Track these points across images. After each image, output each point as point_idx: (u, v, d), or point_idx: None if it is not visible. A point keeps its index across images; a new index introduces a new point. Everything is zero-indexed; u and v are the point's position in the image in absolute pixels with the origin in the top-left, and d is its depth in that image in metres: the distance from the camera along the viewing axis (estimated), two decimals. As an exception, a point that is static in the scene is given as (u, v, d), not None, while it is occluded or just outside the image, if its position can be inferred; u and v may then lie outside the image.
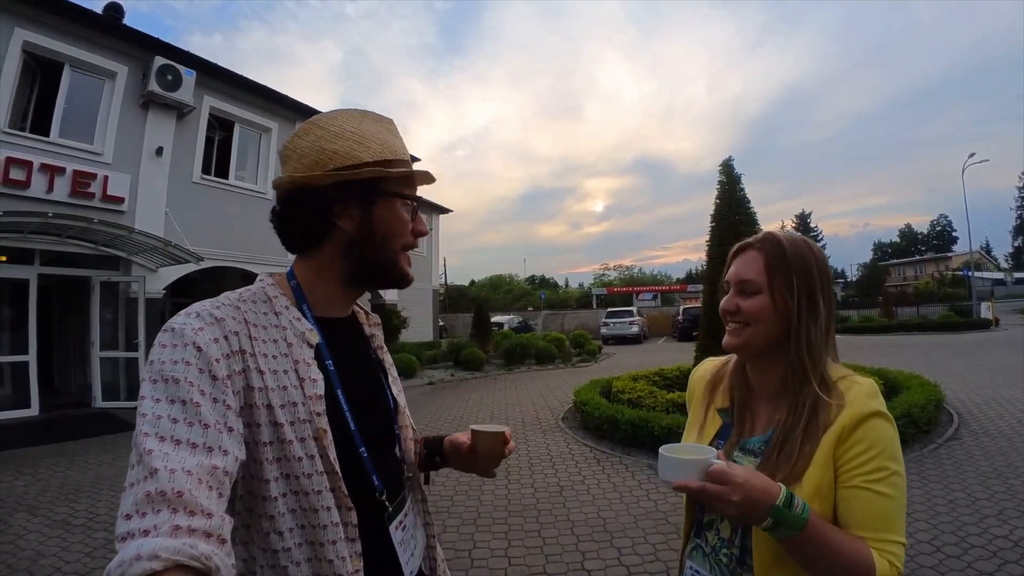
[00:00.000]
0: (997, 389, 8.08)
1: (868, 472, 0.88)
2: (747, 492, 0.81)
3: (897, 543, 0.86)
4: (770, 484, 0.84)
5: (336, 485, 0.81)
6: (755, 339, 1.00)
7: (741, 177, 7.47)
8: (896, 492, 0.88)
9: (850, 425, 0.90)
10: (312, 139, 0.89)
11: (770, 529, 0.84)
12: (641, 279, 58.26)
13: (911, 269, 65.85)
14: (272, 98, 12.54)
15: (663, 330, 30.54)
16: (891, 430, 0.91)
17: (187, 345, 0.72)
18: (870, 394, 0.93)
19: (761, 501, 0.82)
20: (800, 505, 0.83)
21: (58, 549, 3.66)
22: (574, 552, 3.49)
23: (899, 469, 0.89)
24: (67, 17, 8.90)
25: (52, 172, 8.60)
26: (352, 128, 0.90)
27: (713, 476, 0.83)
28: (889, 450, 0.89)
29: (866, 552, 0.85)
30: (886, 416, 0.91)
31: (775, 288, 0.99)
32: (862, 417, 0.90)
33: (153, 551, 0.51)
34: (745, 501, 0.81)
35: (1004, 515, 3.66)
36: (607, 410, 6.30)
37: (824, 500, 0.90)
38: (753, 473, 0.84)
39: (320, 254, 0.91)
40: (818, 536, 0.84)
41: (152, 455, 0.60)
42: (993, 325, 22.43)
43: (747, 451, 1.02)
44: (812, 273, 0.99)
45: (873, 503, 0.87)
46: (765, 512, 0.82)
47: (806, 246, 1.02)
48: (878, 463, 0.88)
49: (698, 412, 1.16)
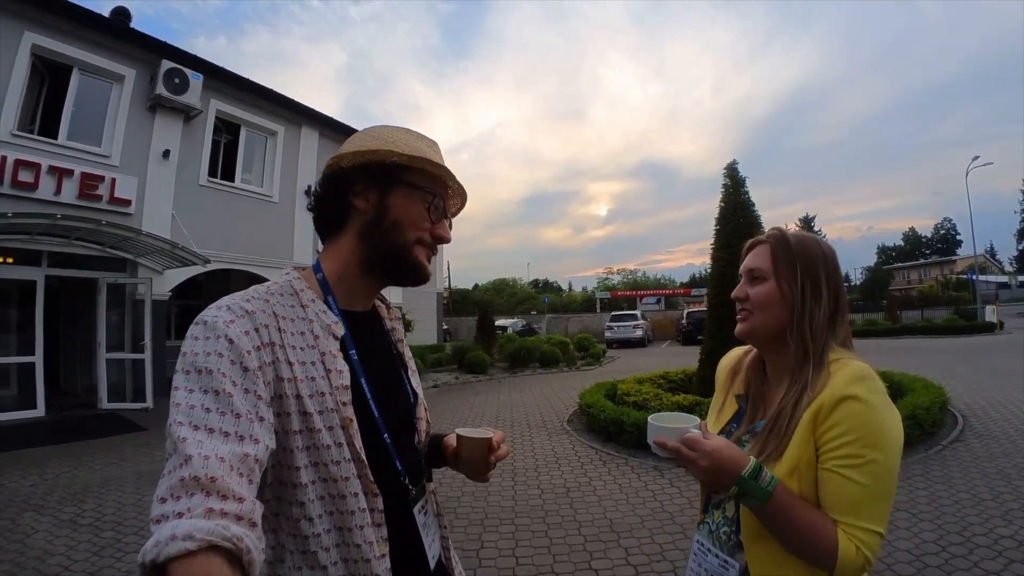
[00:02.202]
0: (1001, 392, 8.06)
1: (840, 457, 0.89)
2: (714, 460, 0.90)
3: (866, 530, 0.87)
4: (739, 456, 0.91)
5: (363, 472, 0.84)
6: (762, 325, 1.05)
7: (746, 180, 7.48)
8: (868, 480, 0.88)
9: (828, 406, 0.92)
10: (355, 142, 0.95)
11: (737, 498, 0.93)
12: (645, 283, 58.33)
13: (915, 272, 65.58)
14: (278, 101, 12.62)
15: (667, 334, 30.49)
16: (871, 415, 0.90)
17: (219, 337, 0.74)
18: (853, 377, 0.93)
19: (727, 470, 0.90)
20: (767, 479, 0.90)
21: (66, 548, 3.68)
22: (581, 552, 3.50)
23: (877, 457, 0.88)
24: (76, 21, 8.99)
25: (60, 174, 8.67)
26: (390, 136, 0.94)
27: (686, 442, 0.94)
28: (867, 437, 0.89)
29: (831, 532, 0.88)
30: (866, 401, 0.90)
31: (780, 275, 1.04)
32: (838, 399, 0.91)
33: (188, 532, 0.53)
34: (711, 468, 0.91)
35: (1009, 515, 3.66)
36: (613, 412, 6.29)
37: (802, 478, 0.92)
38: (726, 444, 0.93)
39: (341, 240, 0.95)
40: (783, 510, 0.89)
41: (186, 443, 0.62)
42: (997, 328, 22.39)
43: (754, 434, 1.05)
44: (816, 262, 1.03)
45: (843, 488, 0.89)
46: (731, 481, 0.90)
47: (812, 240, 1.07)
48: (851, 449, 0.88)
49: (719, 397, 1.23)
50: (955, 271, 52.82)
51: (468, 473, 1.06)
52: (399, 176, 0.92)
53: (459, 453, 1.04)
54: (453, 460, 1.08)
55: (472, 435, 1.02)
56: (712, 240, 7.54)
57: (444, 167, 0.95)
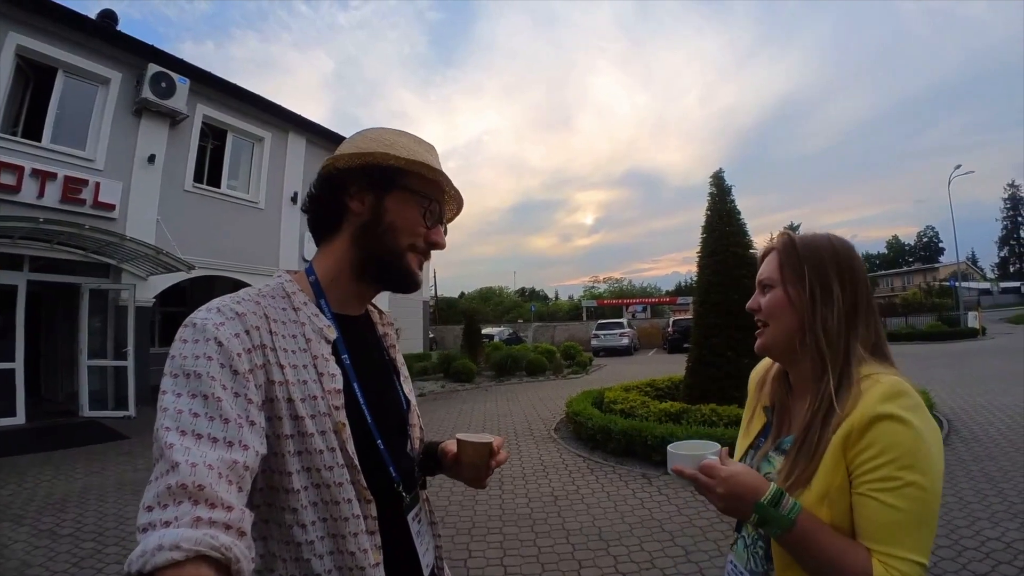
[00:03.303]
0: (985, 396, 8.19)
1: (876, 480, 0.83)
2: (730, 487, 0.87)
3: (906, 560, 0.80)
4: (758, 482, 0.87)
5: (356, 478, 0.82)
6: (776, 336, 1.02)
7: (732, 189, 7.54)
8: (908, 504, 0.81)
9: (859, 427, 0.85)
10: (352, 143, 0.95)
11: (758, 525, 0.88)
12: (631, 291, 58.45)
13: (899, 280, 66.46)
14: (266, 108, 12.54)
15: (653, 342, 30.54)
16: (907, 434, 0.83)
17: (208, 340, 0.72)
18: (887, 395, 0.86)
19: (745, 497, 0.86)
20: (789, 506, 0.85)
21: (45, 559, 3.60)
22: (570, 560, 3.48)
23: (918, 480, 0.81)
24: (61, 22, 8.89)
25: (43, 177, 8.54)
26: (388, 139, 0.94)
27: (703, 469, 0.90)
28: (904, 458, 0.82)
29: (864, 563, 0.81)
30: (902, 420, 0.83)
31: (787, 281, 1.00)
32: (871, 419, 0.84)
33: (175, 541, 0.51)
34: (728, 495, 0.87)
35: (996, 518, 3.71)
36: (600, 420, 6.29)
37: (833, 506, 0.86)
38: (744, 470, 0.89)
39: (335, 243, 0.94)
40: (808, 539, 0.84)
41: (173, 449, 0.61)
42: (980, 334, 22.70)
43: (781, 451, 1.01)
44: (824, 260, 0.98)
45: (878, 513, 0.82)
46: (749, 509, 0.86)
47: (821, 237, 1.02)
48: (887, 471, 0.82)
49: (748, 410, 1.19)
50: (938, 278, 53.55)
51: (468, 479, 1.05)
52: (396, 179, 0.91)
53: (460, 459, 1.03)
54: (452, 466, 1.07)
55: (473, 440, 1.01)
56: (698, 248, 7.57)
57: (441, 172, 0.94)
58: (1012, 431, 6.00)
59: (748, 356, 6.54)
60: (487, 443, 1.01)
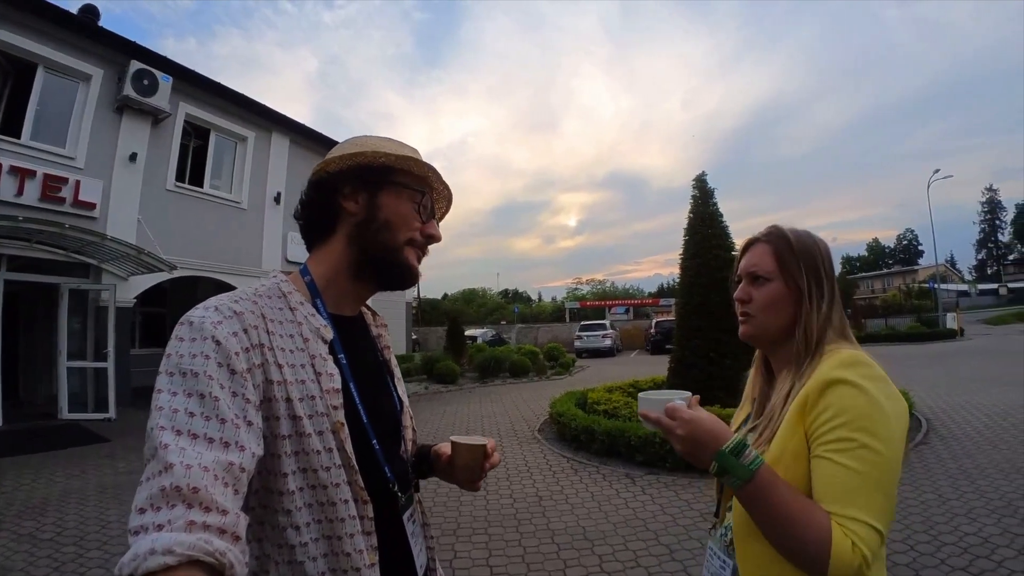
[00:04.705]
0: (963, 396, 8.36)
1: (830, 441, 0.84)
2: (691, 430, 0.87)
3: (862, 523, 0.79)
4: (721, 430, 0.87)
5: (353, 479, 0.82)
6: (769, 325, 1.05)
7: (714, 192, 7.63)
8: (863, 467, 0.81)
9: (815, 391, 0.88)
10: (340, 149, 0.96)
11: (718, 475, 0.88)
12: (613, 293, 58.71)
13: (879, 282, 67.53)
14: (249, 107, 12.43)
15: (636, 343, 30.70)
16: (862, 399, 0.85)
17: (206, 339, 0.71)
18: (843, 362, 0.90)
19: (706, 442, 0.86)
20: (751, 457, 0.84)
21: (25, 564, 3.54)
22: (555, 560, 3.50)
23: (871, 443, 0.82)
24: (42, 17, 8.74)
25: (22, 175, 8.41)
26: (375, 142, 0.96)
27: (667, 411, 0.90)
28: (859, 420, 0.83)
29: (824, 523, 0.80)
30: (856, 385, 0.86)
31: (786, 275, 1.04)
32: (826, 383, 0.88)
33: (168, 546, 0.51)
34: (689, 437, 0.87)
35: (973, 513, 3.80)
36: (584, 421, 6.32)
37: (788, 467, 0.88)
38: (708, 417, 0.89)
39: (330, 245, 0.94)
40: (768, 493, 0.83)
41: (168, 449, 0.60)
42: (958, 335, 23.15)
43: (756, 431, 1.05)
44: (816, 258, 1.04)
45: (834, 474, 0.83)
46: (710, 456, 0.86)
47: (808, 235, 1.08)
48: (842, 432, 0.83)
49: (742, 400, 1.23)
50: (917, 280, 54.47)
51: (462, 481, 1.06)
52: (387, 176, 0.93)
53: (454, 461, 1.03)
54: (446, 469, 1.07)
55: (468, 442, 1.02)
56: (681, 251, 7.65)
57: (430, 166, 0.96)
58: (989, 429, 6.13)
59: (730, 357, 6.63)
60: (481, 445, 1.01)
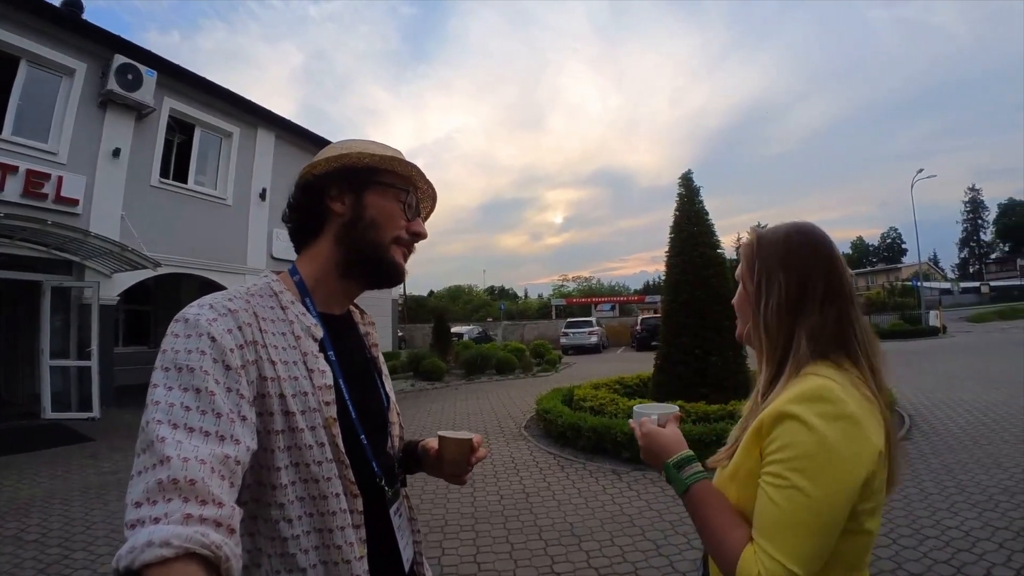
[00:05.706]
0: (945, 392, 8.54)
1: (768, 474, 0.83)
2: (648, 443, 1.02)
3: (773, 558, 0.78)
4: (673, 445, 0.99)
5: (344, 473, 0.85)
6: (743, 329, 1.06)
7: (700, 190, 7.66)
8: (789, 506, 0.79)
9: (768, 421, 0.86)
10: (325, 152, 0.98)
11: (668, 482, 0.99)
12: (599, 290, 58.91)
13: (863, 280, 68.08)
14: (234, 102, 12.29)
15: (622, 340, 30.83)
16: (808, 439, 0.80)
17: (202, 335, 0.73)
18: (803, 396, 0.84)
19: (657, 454, 1.00)
20: (689, 472, 0.95)
21: (10, 566, 3.51)
22: (543, 556, 3.53)
23: (804, 485, 0.79)
24: (25, 10, 8.60)
25: (4, 171, 8.28)
26: (359, 145, 0.98)
27: (640, 425, 1.05)
28: (797, 460, 0.80)
29: (737, 545, 0.83)
30: (805, 423, 0.81)
31: (745, 275, 1.02)
32: (776, 416, 0.85)
33: (165, 538, 0.52)
34: (645, 449, 1.03)
35: (955, 508, 3.88)
36: (570, 418, 6.35)
37: (743, 484, 0.89)
38: (661, 433, 1.02)
39: (318, 246, 0.97)
40: (698, 507, 0.91)
41: (165, 443, 0.61)
42: (941, 333, 23.44)
43: None
44: (772, 252, 0.97)
45: (764, 505, 0.82)
46: (659, 466, 1.00)
47: (780, 229, 1.00)
48: (779, 468, 0.82)
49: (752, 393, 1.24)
50: (900, 278, 55.04)
51: (449, 475, 1.08)
52: (372, 176, 0.96)
53: (442, 455, 1.05)
54: (433, 463, 1.09)
55: (455, 436, 1.04)
56: (667, 248, 7.68)
57: (414, 166, 0.99)
58: (971, 425, 6.24)
59: (716, 354, 6.69)
60: (468, 439, 1.04)
